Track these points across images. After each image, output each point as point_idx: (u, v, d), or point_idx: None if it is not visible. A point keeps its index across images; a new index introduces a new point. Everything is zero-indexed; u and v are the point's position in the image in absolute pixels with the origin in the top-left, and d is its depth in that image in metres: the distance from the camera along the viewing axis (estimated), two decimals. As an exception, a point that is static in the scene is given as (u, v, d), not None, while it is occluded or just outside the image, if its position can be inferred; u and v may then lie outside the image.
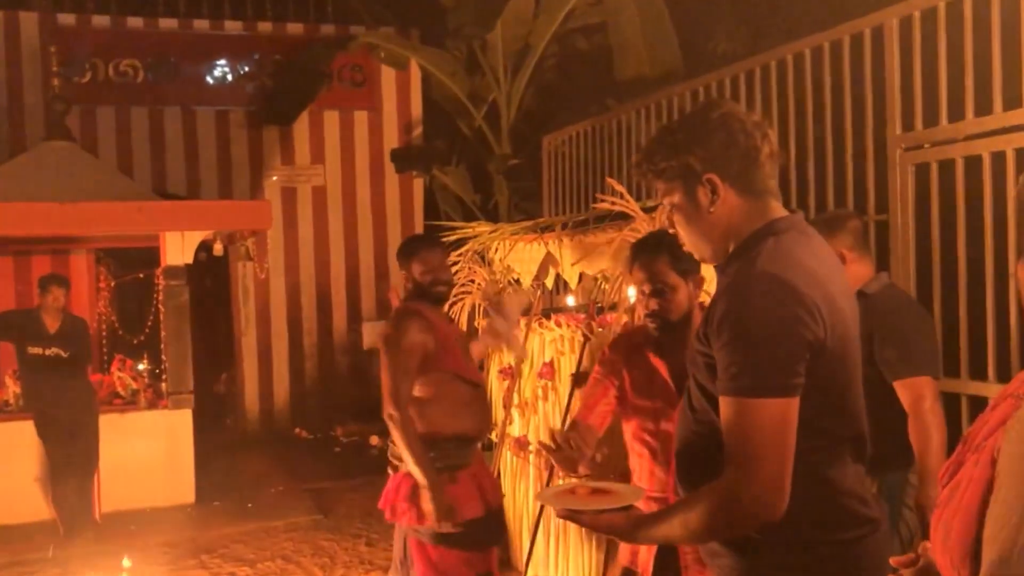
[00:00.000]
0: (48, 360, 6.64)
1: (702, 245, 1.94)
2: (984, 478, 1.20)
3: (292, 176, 11.09)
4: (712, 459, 1.80)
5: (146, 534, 6.74)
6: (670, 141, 1.90)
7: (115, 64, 10.43)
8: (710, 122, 1.87)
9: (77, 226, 7.28)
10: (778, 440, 1.70)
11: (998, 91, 3.78)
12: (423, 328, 3.61)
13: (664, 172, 1.92)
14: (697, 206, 1.89)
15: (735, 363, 1.72)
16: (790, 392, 1.71)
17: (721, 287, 1.87)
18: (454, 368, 3.68)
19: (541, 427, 5.03)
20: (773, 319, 1.71)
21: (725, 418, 1.75)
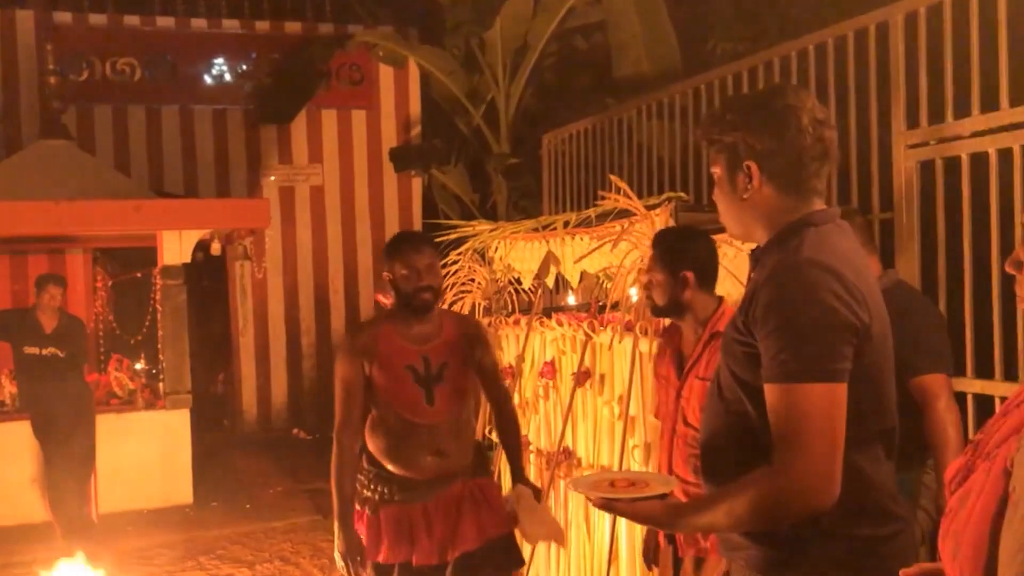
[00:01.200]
0: (44, 360, 6.60)
1: (731, 223, 1.97)
2: (996, 490, 1.15)
3: (290, 175, 11.05)
4: (741, 451, 1.78)
5: (143, 535, 6.70)
6: (726, 117, 1.90)
7: (112, 63, 10.39)
8: (767, 111, 1.85)
9: (73, 225, 7.23)
10: (827, 426, 1.69)
11: (1005, 87, 3.74)
12: (357, 352, 3.30)
13: (714, 143, 1.92)
14: (733, 186, 1.90)
15: (783, 349, 1.71)
16: (838, 377, 1.71)
17: (761, 276, 1.83)
18: (388, 399, 3.31)
19: (542, 427, 4.99)
20: (820, 304, 1.71)
21: (772, 405, 1.73)
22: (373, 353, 3.29)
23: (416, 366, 3.31)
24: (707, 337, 2.95)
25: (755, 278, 1.87)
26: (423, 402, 3.30)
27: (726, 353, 1.90)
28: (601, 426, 4.42)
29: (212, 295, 11.56)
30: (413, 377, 3.29)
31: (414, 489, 3.33)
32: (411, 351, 3.33)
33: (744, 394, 1.81)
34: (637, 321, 4.02)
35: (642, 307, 4.01)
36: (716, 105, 5.61)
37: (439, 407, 3.33)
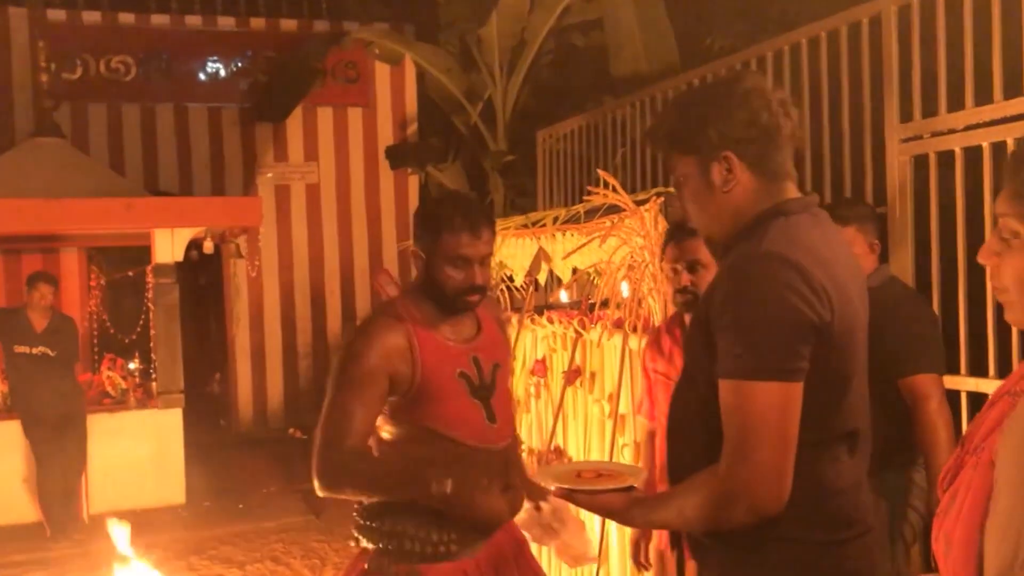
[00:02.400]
0: (35, 359, 6.56)
1: (711, 223, 1.86)
2: (984, 484, 1.10)
3: (286, 173, 11.00)
4: (706, 444, 1.72)
5: (134, 535, 6.61)
6: (690, 112, 1.82)
7: (106, 60, 10.34)
8: (734, 96, 1.77)
9: (64, 223, 7.19)
10: (780, 426, 1.62)
11: (998, 79, 3.69)
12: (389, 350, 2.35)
13: (678, 143, 1.83)
14: (710, 183, 1.80)
15: (736, 345, 1.64)
16: (793, 376, 1.63)
17: (723, 267, 1.79)
18: (434, 420, 2.37)
19: (534, 425, 4.94)
20: (777, 300, 1.63)
21: (724, 402, 1.66)
22: (413, 354, 2.36)
23: (469, 373, 2.44)
24: None
25: (719, 270, 1.82)
26: (485, 420, 2.43)
27: (690, 347, 1.85)
28: (591, 424, 4.37)
29: (208, 294, 11.52)
30: (469, 389, 2.43)
31: (473, 542, 2.41)
32: (458, 352, 2.45)
33: (707, 389, 1.75)
34: (627, 318, 3.97)
35: (633, 304, 3.96)
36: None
37: (502, 425, 2.48)
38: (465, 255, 2.37)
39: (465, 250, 2.36)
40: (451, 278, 2.38)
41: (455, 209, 2.40)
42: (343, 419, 2.31)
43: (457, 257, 2.36)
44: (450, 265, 2.37)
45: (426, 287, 2.44)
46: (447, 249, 2.37)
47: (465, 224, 2.37)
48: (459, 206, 2.42)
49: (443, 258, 2.38)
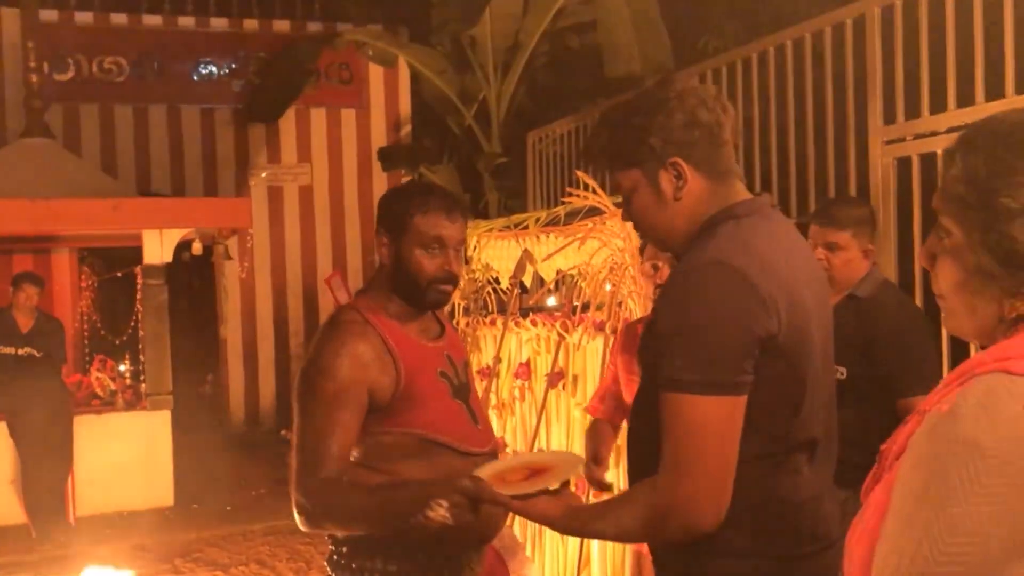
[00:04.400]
0: (21, 360, 6.53)
1: (665, 235, 1.79)
2: (886, 503, 1.07)
3: (278, 175, 10.98)
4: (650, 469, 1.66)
5: (121, 537, 6.62)
6: (626, 124, 1.74)
7: (99, 61, 10.32)
8: (668, 101, 1.71)
9: (51, 224, 7.17)
10: (719, 442, 1.56)
11: (980, 81, 3.67)
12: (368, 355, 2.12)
13: (620, 158, 1.76)
14: (660, 194, 1.73)
15: (677, 357, 1.58)
16: (736, 390, 1.57)
17: (670, 275, 1.74)
18: (423, 425, 2.15)
19: (518, 428, 4.91)
20: (719, 311, 1.57)
21: (664, 415, 1.60)
22: (393, 357, 2.14)
23: (448, 372, 2.25)
24: None
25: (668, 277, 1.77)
26: (470, 423, 2.22)
27: (643, 357, 1.80)
28: (574, 427, 4.35)
29: (201, 296, 11.50)
30: (451, 389, 2.23)
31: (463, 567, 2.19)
32: (434, 352, 2.24)
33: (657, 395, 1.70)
34: (608, 320, 3.94)
35: (614, 306, 3.93)
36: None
37: (483, 426, 2.29)
38: (441, 236, 2.16)
39: (440, 231, 2.15)
40: (425, 265, 2.15)
41: (428, 190, 2.23)
42: (319, 444, 2.06)
43: (432, 239, 2.15)
44: (423, 249, 2.15)
45: (394, 279, 2.20)
46: (421, 231, 2.15)
47: (440, 204, 2.18)
48: (431, 187, 2.26)
49: (415, 242, 2.15)
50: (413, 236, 2.16)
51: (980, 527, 0.95)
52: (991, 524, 0.95)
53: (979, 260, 1.09)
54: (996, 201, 1.06)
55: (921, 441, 1.03)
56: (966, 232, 1.10)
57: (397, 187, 2.38)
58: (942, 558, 0.95)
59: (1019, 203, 1.05)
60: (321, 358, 2.10)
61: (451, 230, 2.17)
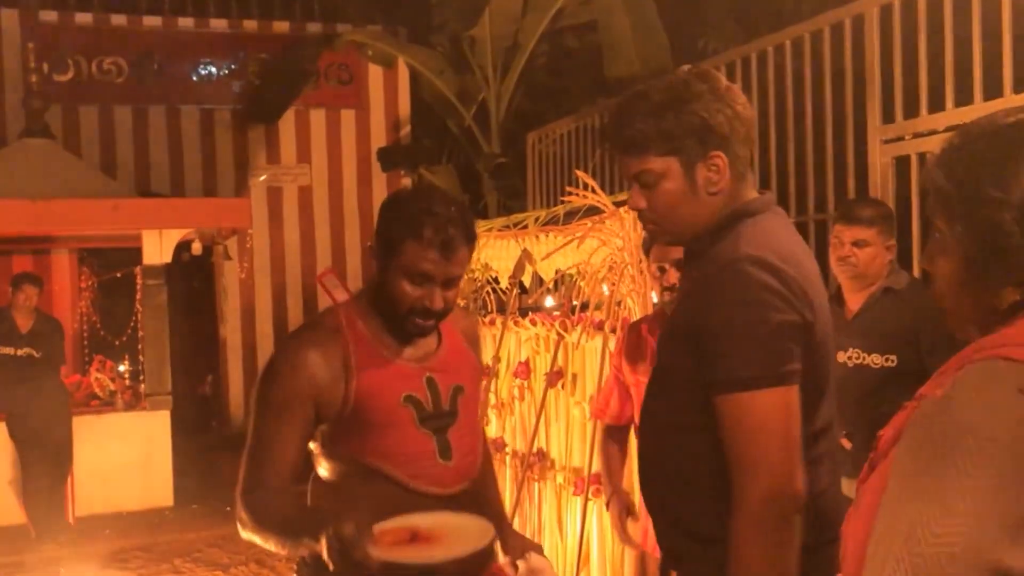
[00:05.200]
0: (20, 360, 6.54)
1: (686, 228, 1.76)
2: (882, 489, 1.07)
3: (278, 175, 10.98)
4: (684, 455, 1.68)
5: (120, 538, 6.63)
6: (676, 109, 1.69)
7: (98, 62, 10.31)
8: (719, 92, 1.70)
9: (51, 224, 7.18)
10: (785, 431, 1.58)
11: (978, 80, 3.68)
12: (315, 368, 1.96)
13: (660, 143, 1.71)
14: (693, 185, 1.71)
15: (729, 356, 1.60)
16: (791, 379, 1.60)
17: (699, 274, 1.72)
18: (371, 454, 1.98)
19: (517, 428, 4.92)
20: (763, 304, 1.60)
21: (724, 419, 1.61)
22: (348, 373, 1.97)
23: (420, 397, 2.03)
24: None
25: (693, 276, 1.76)
26: (436, 457, 2.01)
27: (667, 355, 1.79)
28: (573, 427, 4.35)
29: (201, 297, 11.49)
30: (416, 416, 2.01)
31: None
32: (408, 372, 2.04)
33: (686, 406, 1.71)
34: (607, 319, 3.95)
35: (612, 305, 3.94)
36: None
37: (458, 463, 2.04)
38: (426, 272, 1.95)
39: (428, 267, 1.94)
40: (405, 294, 1.97)
41: (429, 215, 1.94)
42: (263, 453, 1.95)
43: (417, 273, 1.95)
44: (407, 279, 1.96)
45: (377, 293, 2.04)
46: (407, 261, 1.95)
47: (436, 239, 1.93)
48: (435, 211, 1.95)
49: (400, 268, 1.96)
50: (401, 262, 1.96)
51: (974, 509, 0.95)
52: (985, 506, 0.95)
53: (967, 251, 1.10)
54: (979, 192, 1.08)
55: (916, 426, 1.04)
56: (952, 226, 1.12)
57: (403, 194, 2.09)
58: (936, 540, 0.95)
59: (1001, 192, 1.06)
60: (275, 364, 1.99)
61: (442, 267, 1.95)
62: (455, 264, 1.97)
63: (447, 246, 1.95)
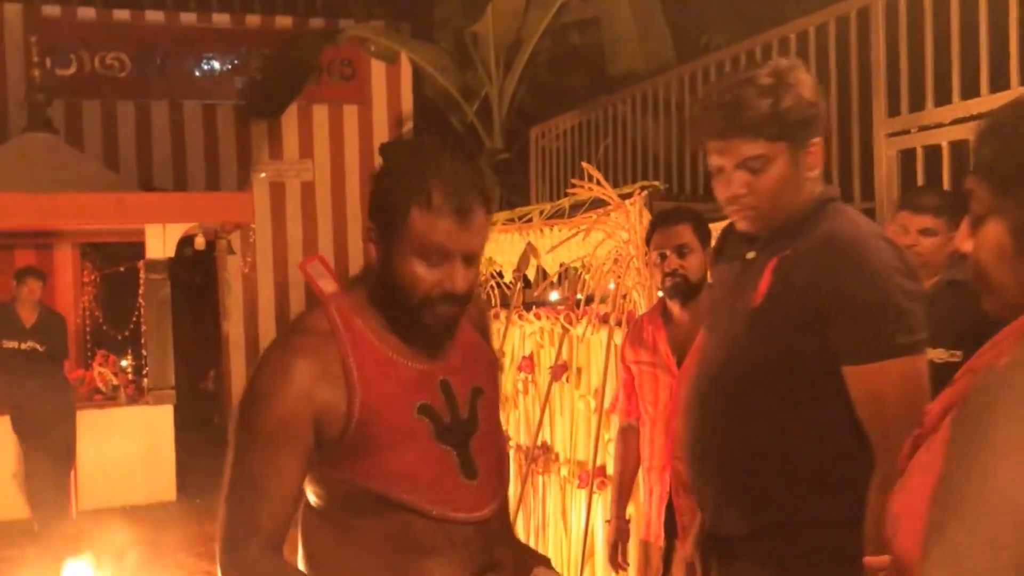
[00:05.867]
0: (24, 354, 6.53)
1: (782, 211, 1.80)
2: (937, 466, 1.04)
3: (280, 171, 10.98)
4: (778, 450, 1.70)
5: (123, 532, 6.61)
6: (796, 97, 1.75)
7: (101, 57, 10.31)
8: (812, 81, 1.80)
9: (54, 218, 7.17)
10: (926, 398, 1.60)
11: (985, 73, 3.67)
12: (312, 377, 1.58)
13: (772, 128, 1.75)
14: (797, 171, 1.78)
15: (884, 324, 1.65)
16: (923, 348, 1.70)
17: (799, 254, 1.75)
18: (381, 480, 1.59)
19: (521, 422, 4.92)
20: (901, 275, 1.68)
21: (871, 387, 1.66)
22: (350, 384, 1.59)
23: (435, 405, 1.66)
24: None
25: (793, 255, 1.76)
26: (459, 476, 1.65)
27: (771, 330, 1.78)
28: (578, 420, 4.35)
29: (204, 292, 11.50)
30: (433, 428, 1.64)
31: None
32: (418, 377, 1.66)
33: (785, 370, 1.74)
34: (612, 312, 3.95)
35: (618, 298, 3.93)
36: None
37: (485, 481, 1.68)
38: (442, 246, 1.57)
39: (443, 239, 1.57)
40: (419, 279, 1.59)
41: (437, 176, 1.57)
42: (252, 497, 1.57)
43: (432, 248, 1.57)
44: (419, 259, 1.59)
45: (380, 286, 1.66)
46: (417, 236, 1.57)
47: (449, 203, 1.56)
48: (443, 171, 1.59)
49: (411, 246, 1.58)
50: (409, 238, 1.58)
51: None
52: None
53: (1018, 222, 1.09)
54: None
55: (984, 393, 1.01)
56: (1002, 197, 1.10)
57: (401, 154, 1.71)
58: (997, 512, 0.93)
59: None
60: (260, 382, 1.60)
61: (460, 238, 1.58)
62: (474, 233, 1.60)
63: (463, 212, 1.57)
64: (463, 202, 1.58)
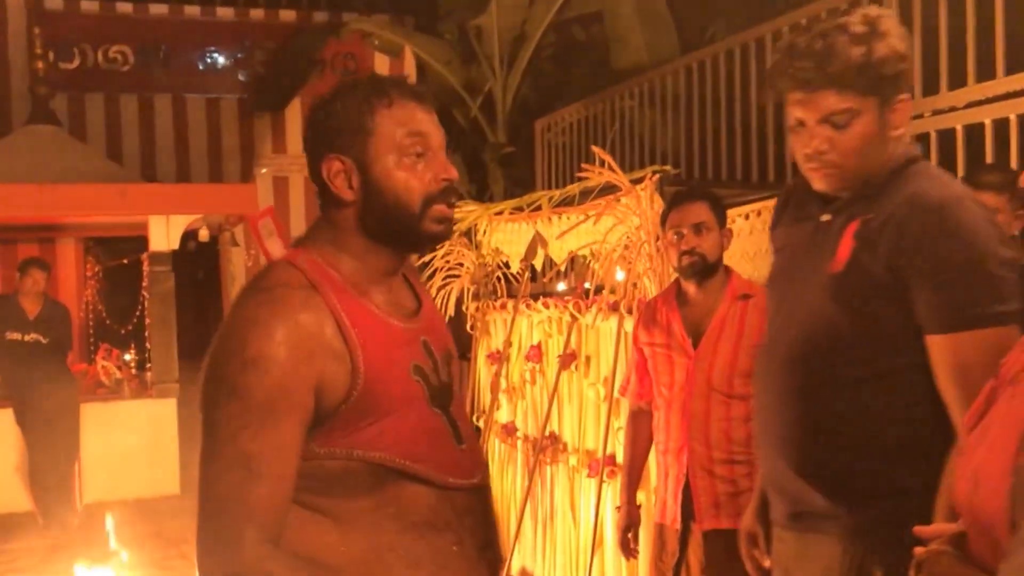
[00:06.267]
0: (27, 346, 6.51)
1: (862, 172, 1.71)
2: (1016, 415, 1.00)
3: (284, 165, 10.94)
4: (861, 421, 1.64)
5: (128, 524, 6.57)
6: (889, 48, 1.66)
7: (104, 50, 10.28)
8: (902, 30, 1.71)
9: (57, 209, 7.13)
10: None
11: (1000, 55, 3.63)
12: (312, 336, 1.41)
13: (859, 80, 1.65)
14: (884, 127, 1.69)
15: (972, 291, 1.57)
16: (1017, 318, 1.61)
17: (884, 217, 1.66)
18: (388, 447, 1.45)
19: (529, 412, 4.88)
20: (995, 241, 1.60)
21: (961, 358, 1.56)
22: (350, 344, 1.43)
23: (424, 366, 1.54)
24: (735, 298, 2.85)
25: (876, 218, 1.68)
26: (453, 441, 1.55)
27: (848, 300, 1.70)
28: (587, 408, 4.32)
29: (207, 287, 11.47)
30: (428, 393, 1.53)
31: None
32: (405, 336, 1.54)
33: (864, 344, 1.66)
34: (622, 299, 3.91)
35: (628, 285, 3.89)
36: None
37: (470, 447, 1.59)
38: (422, 131, 1.49)
39: (421, 125, 1.50)
40: (410, 182, 1.48)
41: (378, 79, 1.53)
42: (248, 482, 1.33)
43: (410, 143, 1.48)
44: (402, 159, 1.48)
45: (368, 212, 1.50)
46: (393, 130, 1.48)
47: (407, 91, 1.51)
48: (380, 76, 1.57)
49: (388, 148, 1.48)
50: (384, 141, 1.48)
51: None
52: None
53: None
54: None
55: None
56: None
57: (330, 91, 1.56)
58: None
59: None
60: (247, 344, 1.37)
61: (431, 121, 1.52)
62: (437, 122, 1.54)
63: (422, 96, 1.53)
64: (416, 89, 1.53)
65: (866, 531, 1.67)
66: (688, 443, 2.83)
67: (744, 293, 2.86)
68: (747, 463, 2.79)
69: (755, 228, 3.96)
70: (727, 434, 2.80)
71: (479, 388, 5.58)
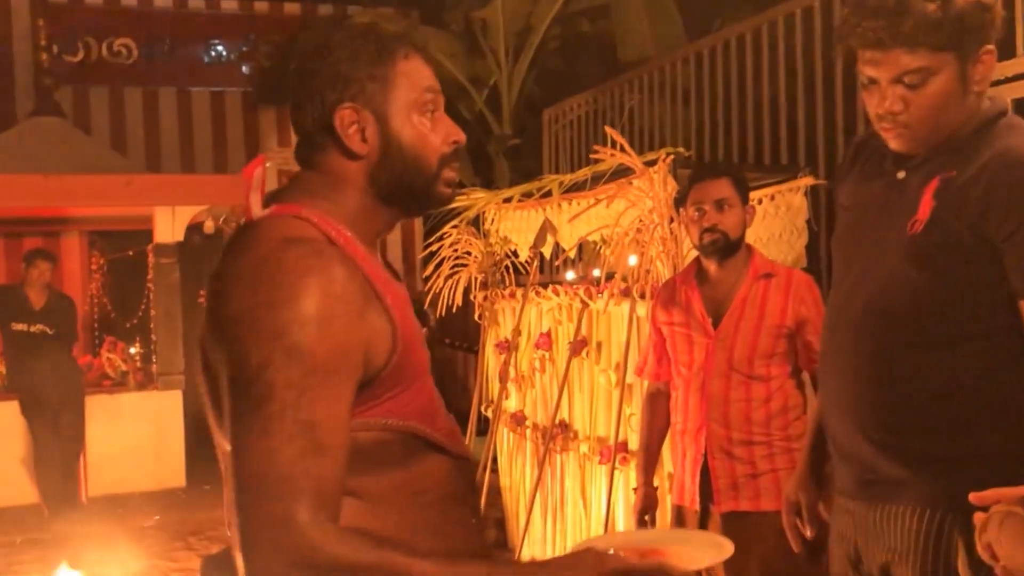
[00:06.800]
0: (33, 337, 6.47)
1: (940, 132, 1.64)
2: None
3: (290, 158, 10.84)
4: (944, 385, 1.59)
5: (133, 517, 6.56)
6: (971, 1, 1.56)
7: (109, 43, 10.27)
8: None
9: (62, 200, 7.10)
10: None
11: (1020, 32, 3.57)
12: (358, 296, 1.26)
13: (935, 36, 1.56)
14: (964, 85, 1.59)
15: None
16: None
17: (982, 171, 1.59)
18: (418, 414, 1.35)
19: (539, 400, 4.84)
20: None
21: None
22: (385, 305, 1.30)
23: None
24: (757, 277, 2.81)
25: (960, 176, 1.61)
26: (446, 410, 1.47)
27: (914, 268, 1.64)
28: (598, 395, 4.27)
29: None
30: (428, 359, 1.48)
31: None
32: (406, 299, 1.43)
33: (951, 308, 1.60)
34: (634, 284, 3.86)
35: (640, 269, 3.84)
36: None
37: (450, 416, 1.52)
38: (435, 91, 1.39)
39: (433, 83, 1.39)
40: (428, 137, 1.38)
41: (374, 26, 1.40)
42: (314, 454, 1.17)
43: (427, 98, 1.37)
44: (419, 115, 1.37)
45: (387, 166, 1.36)
46: (412, 84, 1.36)
47: (420, 44, 1.41)
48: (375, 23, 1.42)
49: (408, 102, 1.36)
50: (404, 94, 1.35)
51: None
52: None
53: None
54: None
55: None
56: None
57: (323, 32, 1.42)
58: None
59: None
60: (304, 297, 1.20)
61: (436, 79, 1.41)
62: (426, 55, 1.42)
63: (428, 52, 1.42)
64: (423, 43, 1.42)
65: (948, 499, 1.60)
66: (707, 424, 2.78)
67: (766, 272, 2.81)
68: (766, 444, 2.74)
69: (767, 213, 3.92)
70: (747, 415, 2.75)
71: (487, 377, 5.54)
